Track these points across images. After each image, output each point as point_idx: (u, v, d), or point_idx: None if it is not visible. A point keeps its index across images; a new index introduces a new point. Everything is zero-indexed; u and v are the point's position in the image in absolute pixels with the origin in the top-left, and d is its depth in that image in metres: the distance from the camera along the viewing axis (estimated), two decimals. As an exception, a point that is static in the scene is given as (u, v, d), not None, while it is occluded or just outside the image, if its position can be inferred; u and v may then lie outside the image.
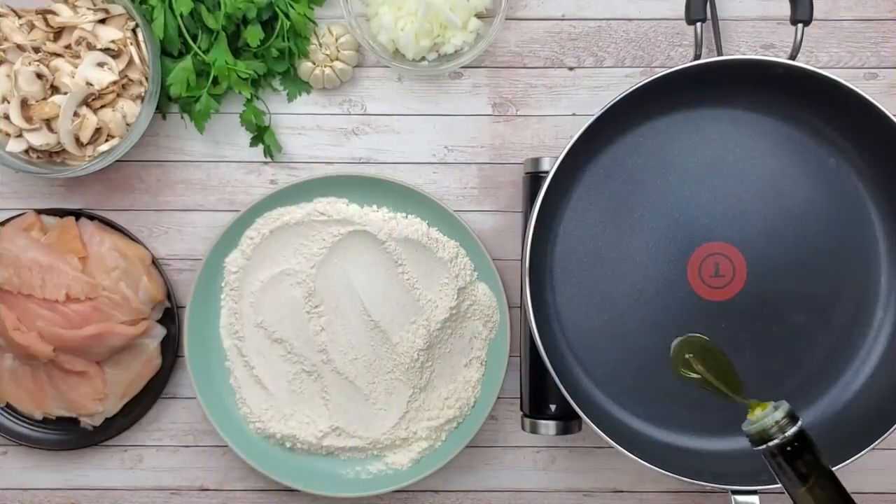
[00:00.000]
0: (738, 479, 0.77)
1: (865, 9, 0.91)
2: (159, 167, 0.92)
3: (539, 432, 0.85)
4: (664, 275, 0.81)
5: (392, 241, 0.88)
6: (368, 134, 0.92)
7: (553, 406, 0.84)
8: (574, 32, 0.91)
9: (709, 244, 0.81)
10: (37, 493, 0.93)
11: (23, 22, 0.84)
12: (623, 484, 0.93)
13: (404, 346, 0.88)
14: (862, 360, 0.83)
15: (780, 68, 0.76)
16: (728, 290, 0.81)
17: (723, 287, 0.81)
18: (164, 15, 0.85)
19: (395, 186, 0.89)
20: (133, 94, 0.86)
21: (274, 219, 0.89)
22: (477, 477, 0.93)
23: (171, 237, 0.92)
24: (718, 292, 0.81)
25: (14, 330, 0.85)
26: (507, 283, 0.90)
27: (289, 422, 0.90)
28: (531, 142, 0.91)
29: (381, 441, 0.90)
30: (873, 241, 0.83)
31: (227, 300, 0.90)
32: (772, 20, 0.91)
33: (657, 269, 0.82)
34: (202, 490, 0.93)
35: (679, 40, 0.91)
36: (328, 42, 0.89)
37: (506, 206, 0.92)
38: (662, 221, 0.82)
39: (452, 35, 0.87)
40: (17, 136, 0.84)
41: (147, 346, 0.89)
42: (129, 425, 0.91)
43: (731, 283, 0.81)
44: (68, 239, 0.87)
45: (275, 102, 0.91)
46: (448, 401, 0.90)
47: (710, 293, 0.81)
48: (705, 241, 0.81)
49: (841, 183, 0.82)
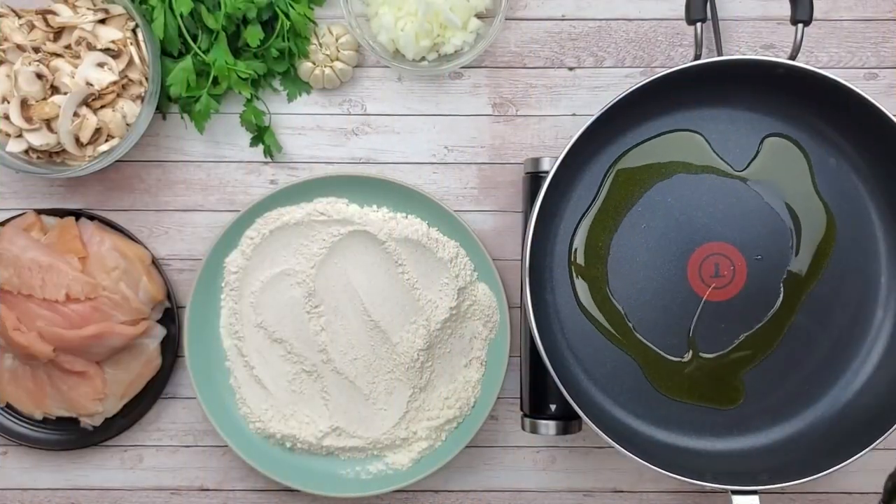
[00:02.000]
0: (738, 479, 0.77)
1: (865, 9, 0.91)
2: (159, 167, 0.92)
3: (539, 432, 0.85)
4: (664, 275, 0.82)
5: (392, 241, 0.88)
6: (368, 134, 0.92)
7: (553, 406, 0.84)
8: (574, 32, 0.91)
9: (709, 244, 0.82)
10: (37, 493, 0.93)
11: (23, 22, 0.84)
12: (623, 484, 0.93)
13: (404, 346, 0.88)
14: (862, 360, 0.83)
15: (781, 68, 0.76)
16: (728, 291, 0.82)
17: (723, 287, 0.81)
18: (164, 15, 0.85)
19: (395, 186, 0.89)
20: (133, 95, 0.86)
21: (274, 219, 0.89)
22: (477, 477, 0.93)
23: (171, 237, 0.92)
24: (718, 292, 0.82)
25: (14, 330, 0.85)
26: (507, 283, 0.90)
27: (289, 422, 0.90)
28: (531, 142, 0.91)
29: (381, 441, 0.90)
30: (873, 240, 0.83)
31: (227, 300, 0.90)
32: (772, 20, 0.91)
33: (657, 268, 0.82)
34: (202, 490, 0.93)
35: (679, 40, 0.91)
36: (328, 42, 0.89)
37: (506, 206, 0.92)
38: (663, 221, 0.82)
39: (452, 35, 0.87)
40: (17, 136, 0.84)
41: (147, 346, 0.89)
42: (129, 425, 0.91)
43: (731, 283, 0.81)
44: (68, 239, 0.87)
45: (275, 102, 0.91)
46: (448, 401, 0.90)
47: (711, 293, 0.81)
48: (706, 241, 0.82)
49: (841, 183, 0.82)
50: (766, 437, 0.83)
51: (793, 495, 0.93)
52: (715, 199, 0.82)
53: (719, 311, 0.82)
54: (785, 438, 0.83)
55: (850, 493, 0.93)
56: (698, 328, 0.82)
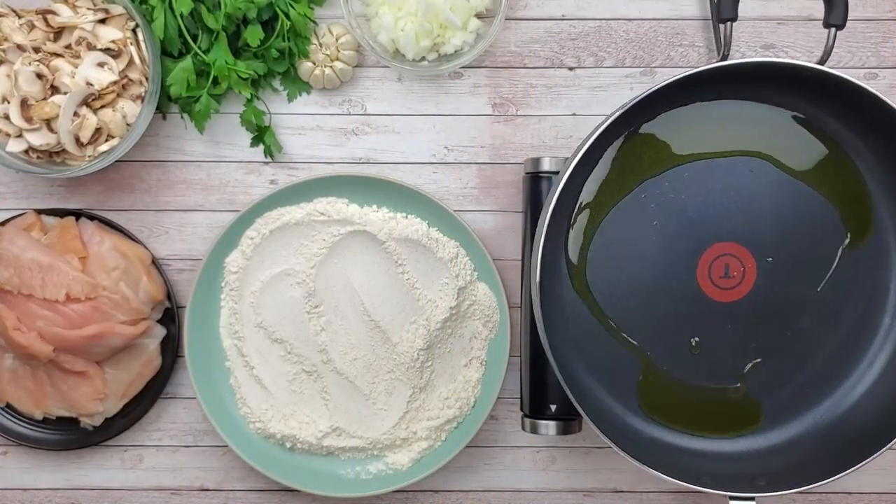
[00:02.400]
0: (737, 483, 0.77)
1: (865, 9, 0.91)
2: (159, 167, 0.92)
3: (539, 432, 0.85)
4: (674, 273, 0.81)
5: (392, 241, 0.88)
6: (368, 134, 0.92)
7: (553, 406, 0.84)
8: (574, 32, 0.91)
9: (720, 244, 0.81)
10: (37, 493, 0.93)
11: (23, 22, 0.84)
12: (623, 484, 0.93)
13: (404, 346, 0.88)
14: (867, 365, 0.82)
15: (807, 72, 0.75)
16: (737, 292, 0.81)
17: (732, 288, 0.81)
18: (165, 15, 0.85)
19: (396, 186, 0.89)
20: (133, 94, 0.86)
21: (274, 219, 0.89)
22: (477, 477, 0.93)
23: (171, 237, 0.92)
24: (727, 293, 0.81)
25: (14, 330, 0.85)
26: (507, 283, 0.90)
27: (289, 422, 0.90)
28: (531, 142, 0.91)
29: (381, 441, 0.90)
30: (885, 246, 0.82)
31: (227, 300, 0.90)
32: (772, 20, 0.91)
33: (667, 267, 0.81)
34: (202, 490, 0.93)
35: (679, 40, 0.91)
36: (328, 42, 0.89)
37: (506, 206, 0.92)
38: (675, 220, 0.81)
39: (452, 35, 0.87)
40: (17, 136, 0.84)
41: (147, 346, 0.89)
42: (129, 425, 0.91)
43: (740, 284, 0.81)
44: (68, 239, 0.87)
45: (275, 102, 0.91)
46: (448, 401, 0.90)
47: (719, 294, 0.81)
48: (717, 240, 0.81)
49: (857, 188, 0.82)
50: (766, 440, 0.83)
51: (793, 495, 0.93)
52: (728, 199, 0.80)
53: (727, 311, 0.81)
54: (784, 442, 0.83)
55: (849, 493, 0.93)
56: (705, 329, 0.81)
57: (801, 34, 0.91)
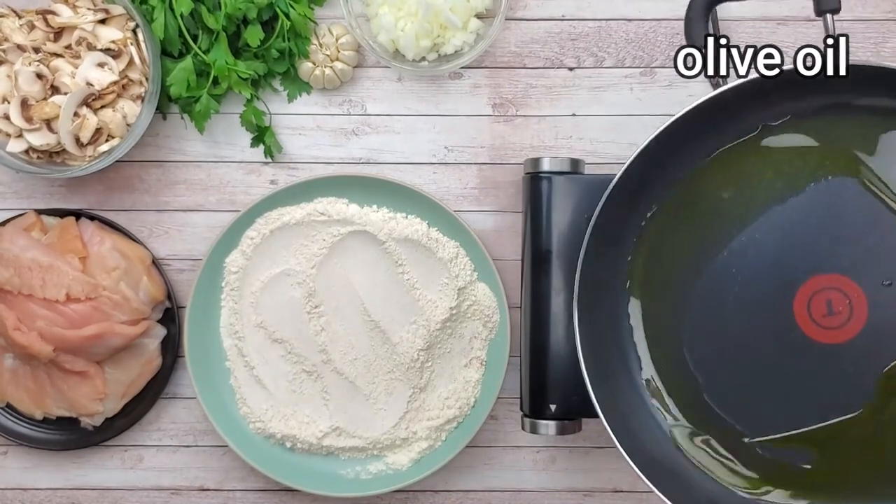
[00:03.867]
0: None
1: (865, 9, 0.91)
2: (159, 167, 0.92)
3: (539, 432, 0.85)
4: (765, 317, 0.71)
5: (392, 242, 0.88)
6: (368, 134, 0.92)
7: (553, 406, 0.84)
8: (574, 33, 0.91)
9: (818, 277, 0.71)
10: (37, 493, 0.93)
11: (23, 22, 0.84)
12: (623, 484, 0.93)
13: (404, 347, 0.88)
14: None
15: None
16: (845, 332, 0.71)
17: (838, 327, 0.71)
18: (165, 15, 0.85)
19: (395, 186, 0.89)
20: (133, 95, 0.86)
21: (274, 219, 0.89)
22: (477, 477, 0.93)
23: (171, 237, 0.92)
24: (832, 333, 0.71)
25: (14, 330, 0.85)
26: (507, 283, 0.90)
27: (289, 422, 0.90)
28: (531, 142, 0.91)
29: (381, 441, 0.90)
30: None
31: (228, 300, 0.90)
32: (772, 20, 0.91)
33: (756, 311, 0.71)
34: (202, 490, 0.93)
35: (679, 41, 0.91)
36: (328, 42, 0.89)
37: (506, 206, 0.92)
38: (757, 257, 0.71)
39: (452, 35, 0.87)
40: (17, 136, 0.84)
41: (147, 346, 0.89)
42: (129, 425, 0.91)
43: (848, 322, 0.71)
44: (68, 239, 0.87)
45: (275, 103, 0.91)
46: (448, 401, 0.90)
47: (823, 334, 0.71)
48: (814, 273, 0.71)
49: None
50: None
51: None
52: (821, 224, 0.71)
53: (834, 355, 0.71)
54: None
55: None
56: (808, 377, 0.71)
57: (801, 34, 0.91)
